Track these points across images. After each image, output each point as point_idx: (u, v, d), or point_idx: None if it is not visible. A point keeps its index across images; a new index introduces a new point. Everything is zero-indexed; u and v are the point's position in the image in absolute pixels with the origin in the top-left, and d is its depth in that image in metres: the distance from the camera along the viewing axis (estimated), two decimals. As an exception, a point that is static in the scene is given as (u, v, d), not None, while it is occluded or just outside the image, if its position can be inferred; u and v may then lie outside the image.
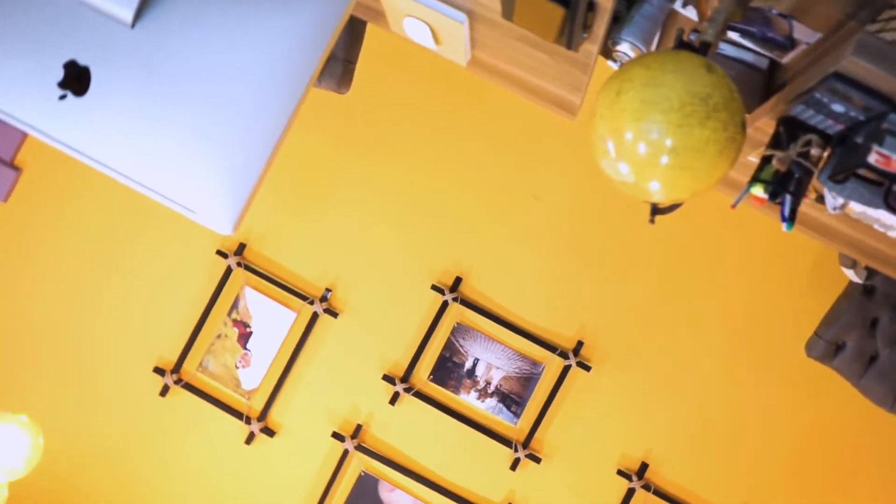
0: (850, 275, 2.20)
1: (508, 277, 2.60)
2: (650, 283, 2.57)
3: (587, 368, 2.55)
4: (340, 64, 1.97)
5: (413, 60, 2.61)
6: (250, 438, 2.61)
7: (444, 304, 2.58)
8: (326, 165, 2.64)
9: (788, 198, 1.19)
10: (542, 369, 2.57)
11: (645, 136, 1.10)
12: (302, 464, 2.62)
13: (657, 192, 1.15)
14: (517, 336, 2.57)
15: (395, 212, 2.62)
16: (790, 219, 1.20)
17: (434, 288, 2.59)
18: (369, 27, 2.25)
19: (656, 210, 1.19)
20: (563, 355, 2.56)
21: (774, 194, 1.18)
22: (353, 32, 1.97)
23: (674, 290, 2.57)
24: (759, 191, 1.20)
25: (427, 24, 1.52)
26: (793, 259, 2.53)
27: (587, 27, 1.24)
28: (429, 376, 2.60)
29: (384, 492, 2.60)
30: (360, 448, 2.58)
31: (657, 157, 1.11)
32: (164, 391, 2.62)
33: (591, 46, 1.34)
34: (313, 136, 2.64)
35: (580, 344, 2.56)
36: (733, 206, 1.21)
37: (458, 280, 2.59)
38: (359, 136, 2.64)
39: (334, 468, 2.58)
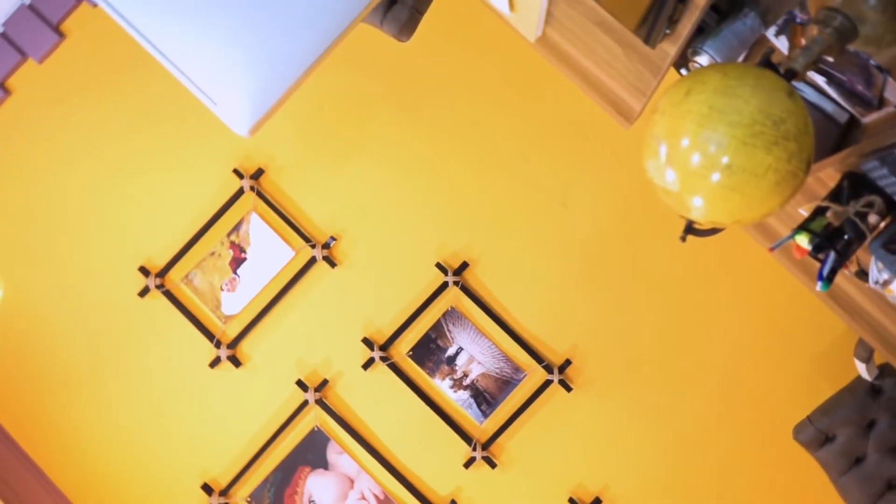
0: (861, 369, 2.11)
1: (514, 276, 2.51)
2: (654, 323, 2.48)
3: (568, 388, 2.47)
4: (407, 10, 1.89)
5: (479, 28, 2.53)
6: (216, 363, 2.54)
7: (444, 285, 2.50)
8: (364, 114, 2.56)
9: (832, 256, 1.11)
10: (524, 377, 2.49)
11: (703, 145, 1.01)
12: (259, 402, 2.55)
13: (699, 209, 1.06)
14: (507, 337, 2.49)
15: (419, 179, 2.54)
16: (828, 279, 1.11)
17: (438, 266, 2.51)
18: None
19: (691, 229, 1.10)
20: (548, 369, 2.47)
21: (819, 248, 1.09)
22: (429, -19, 1.89)
23: (677, 335, 2.48)
24: (803, 240, 1.11)
25: (508, -18, 1.44)
26: (807, 332, 2.43)
27: (673, 21, 1.15)
28: (408, 351, 2.52)
29: (332, 452, 2.52)
30: (320, 402, 2.51)
31: (709, 172, 1.03)
32: (144, 292, 2.56)
33: (670, 48, 1.25)
34: (359, 80, 2.56)
35: (568, 362, 2.48)
36: (771, 250, 1.13)
37: (464, 265, 2.51)
38: (404, 93, 2.56)
39: (290, 415, 2.51)
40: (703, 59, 1.29)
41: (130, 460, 2.56)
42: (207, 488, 2.53)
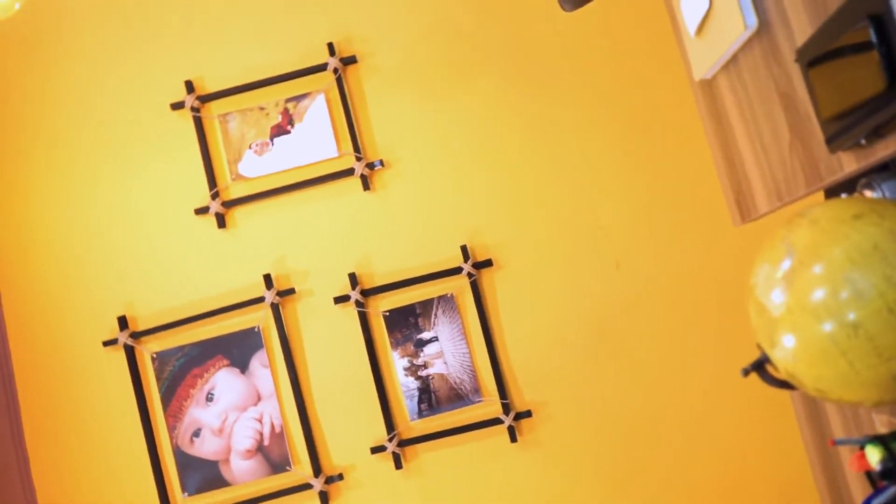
0: None
1: (529, 302, 2.29)
2: (639, 428, 2.25)
3: (513, 438, 2.25)
4: (587, -19, 1.66)
5: (643, 35, 2.29)
6: (202, 211, 2.35)
7: (457, 270, 2.28)
8: (480, 64, 2.34)
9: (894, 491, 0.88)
10: (478, 402, 2.27)
11: (839, 284, 0.78)
12: (220, 272, 2.36)
13: (787, 351, 0.84)
14: (486, 355, 2.27)
15: (493, 154, 2.32)
16: (874, 511, 0.88)
17: (462, 249, 2.29)
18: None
19: (761, 367, 0.88)
20: (506, 408, 2.25)
21: (888, 474, 0.86)
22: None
23: (661, 455, 2.24)
24: (874, 456, 0.88)
25: (711, 3, 1.21)
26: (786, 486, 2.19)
27: (877, 134, 0.92)
28: (385, 311, 2.31)
29: (256, 361, 2.33)
30: (274, 307, 2.31)
31: (826, 318, 0.80)
32: (178, 106, 2.37)
33: (849, 162, 1.02)
34: (493, 26, 2.33)
35: (528, 413, 2.25)
36: (834, 444, 0.90)
37: (487, 262, 2.29)
38: (530, 61, 2.33)
39: (240, 302, 2.32)
40: (875, 195, 1.05)
41: (64, 255, 2.39)
42: (123, 322, 2.34)
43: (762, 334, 0.85)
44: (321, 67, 2.35)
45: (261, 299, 2.32)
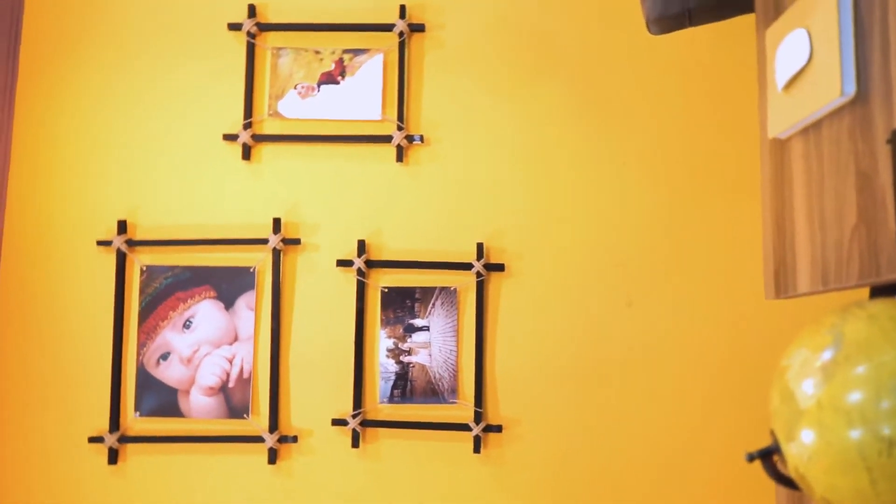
0: None
1: (531, 321, 2.21)
2: (614, 471, 2.17)
3: (477, 449, 2.17)
4: (679, 5, 1.57)
5: (722, 78, 2.21)
6: (231, 138, 2.28)
7: (467, 266, 2.20)
8: (552, 67, 2.25)
9: None
10: (452, 404, 2.20)
11: (880, 390, 0.70)
12: (230, 203, 2.29)
13: (803, 448, 0.75)
14: (473, 360, 2.19)
15: (537, 161, 2.24)
16: None
17: (479, 246, 2.21)
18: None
19: (768, 457, 0.80)
20: (477, 418, 2.17)
21: None
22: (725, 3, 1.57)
23: (629, 501, 2.16)
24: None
25: (811, 59, 1.13)
26: None
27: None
28: (385, 287, 2.24)
29: (242, 302, 2.26)
30: (275, 250, 2.24)
31: (858, 425, 0.72)
32: (235, 27, 2.30)
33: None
34: (580, 29, 2.25)
35: (498, 428, 2.18)
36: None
37: (499, 266, 2.21)
38: (604, 76, 2.25)
39: (244, 238, 2.25)
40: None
41: (84, 145, 2.32)
42: (122, 227, 2.28)
43: (780, 422, 0.77)
44: (388, 27, 2.27)
45: (264, 241, 2.25)
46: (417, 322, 2.22)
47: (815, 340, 0.77)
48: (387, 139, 2.25)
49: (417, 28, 2.27)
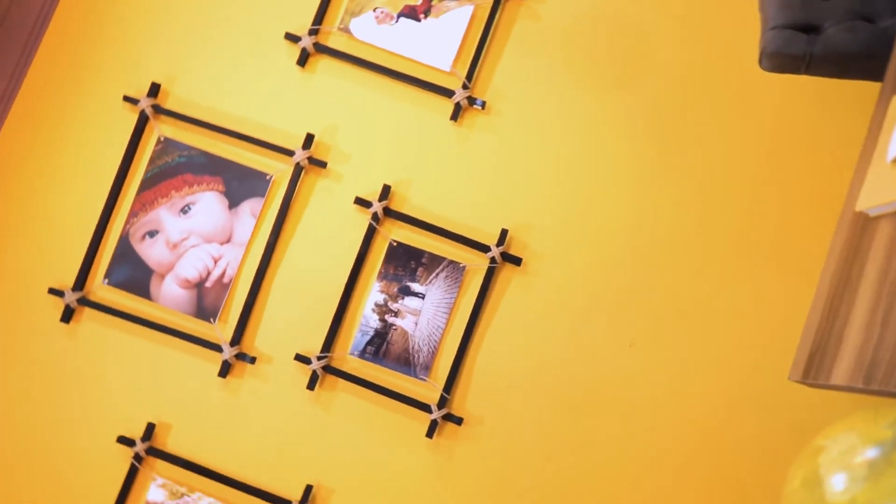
0: None
1: (527, 320, 2.08)
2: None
3: (430, 433, 2.05)
4: (803, 46, 1.43)
5: (819, 140, 2.07)
6: (295, 39, 2.16)
7: (485, 248, 2.08)
8: (636, 75, 2.12)
9: None
10: (422, 381, 2.08)
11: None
12: (275, 110, 2.17)
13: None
14: (457, 345, 2.07)
15: (594, 166, 2.11)
16: None
17: (502, 233, 2.08)
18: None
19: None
20: (441, 403, 2.06)
21: None
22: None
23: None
24: None
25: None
26: None
27: None
28: (395, 240, 2.11)
29: (247, 206, 2.14)
30: (297, 169, 2.12)
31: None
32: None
33: None
34: (669, 48, 2.11)
35: (459, 420, 2.06)
36: None
37: (516, 259, 2.08)
38: (682, 104, 2.11)
39: (272, 145, 2.13)
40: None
41: (151, -4, 2.21)
42: (154, 90, 2.17)
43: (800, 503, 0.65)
44: (487, -18, 2.14)
45: (290, 153, 2.13)
46: (415, 287, 2.10)
47: (869, 430, 0.65)
48: (448, 93, 2.12)
49: (517, -7, 2.15)
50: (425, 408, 2.05)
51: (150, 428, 2.11)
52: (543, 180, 2.11)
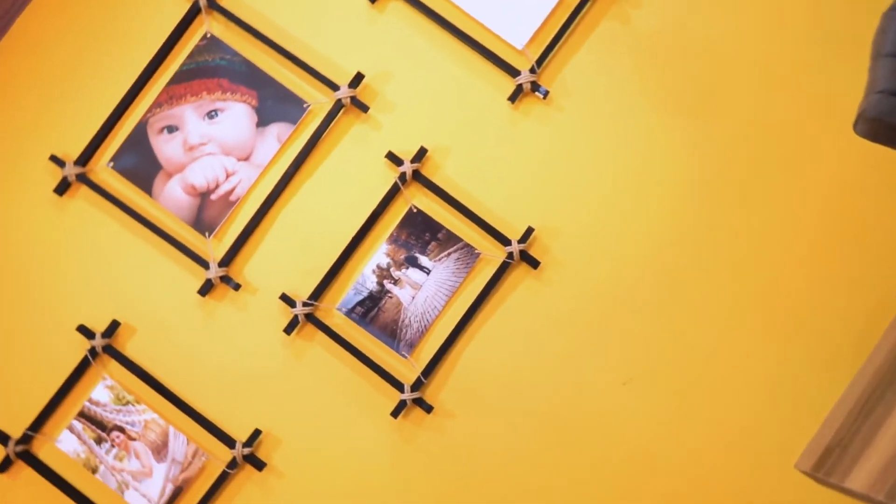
0: None
1: (527, 324, 1.97)
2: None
3: (396, 413, 1.94)
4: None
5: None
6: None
7: (505, 241, 1.96)
8: (713, 105, 1.99)
9: None
10: (401, 356, 1.97)
11: None
12: (326, 37, 2.05)
13: None
14: (448, 332, 1.96)
15: (648, 190, 1.98)
16: None
17: (527, 231, 1.96)
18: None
19: None
20: (416, 385, 1.94)
21: None
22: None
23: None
24: None
25: None
26: None
27: None
28: (415, 206, 2.00)
29: (277, 128, 2.03)
30: (338, 102, 2.01)
31: None
32: None
33: None
34: (764, 79, 1.98)
35: (430, 408, 1.95)
36: None
37: (535, 262, 1.96)
38: (763, 148, 1.98)
39: (318, 72, 2.01)
40: None
41: None
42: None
43: None
44: (586, -30, 2.01)
45: (335, 87, 2.01)
46: (423, 260, 1.98)
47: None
48: (513, 72, 2.00)
49: (613, -10, 2.01)
50: (398, 386, 1.94)
51: (114, 325, 2.00)
52: (584, 188, 1.99)
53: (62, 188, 2.03)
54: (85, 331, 2.00)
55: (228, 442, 1.95)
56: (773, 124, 1.97)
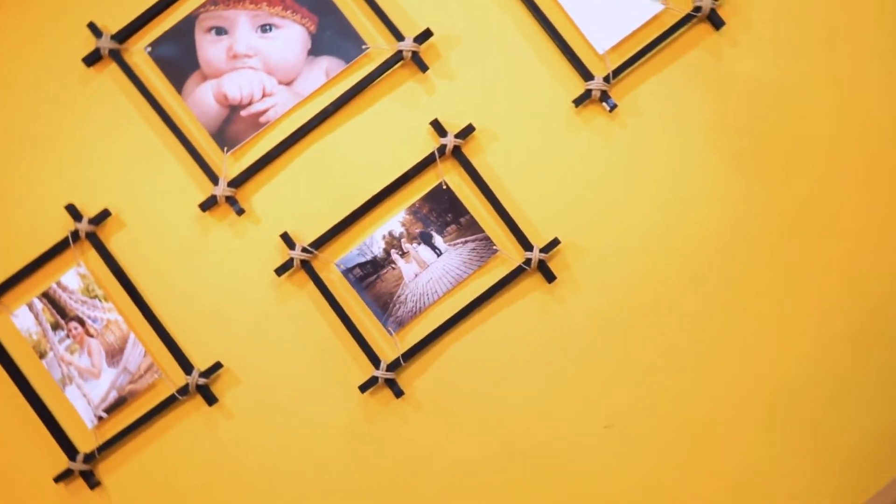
0: None
1: (525, 331, 1.85)
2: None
3: (364, 389, 1.83)
4: None
5: None
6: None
7: (527, 246, 1.84)
8: (802, 153, 1.86)
9: None
10: (388, 332, 1.85)
11: None
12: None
13: None
14: (444, 320, 1.84)
15: (694, 232, 1.86)
16: None
17: (553, 241, 1.84)
18: None
19: None
20: (392, 366, 1.83)
21: None
22: None
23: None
24: None
25: None
26: None
27: None
28: (445, 184, 1.88)
29: (327, 62, 1.90)
30: (398, 53, 1.88)
31: None
32: None
33: None
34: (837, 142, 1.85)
35: (401, 392, 1.84)
36: None
37: (551, 275, 1.84)
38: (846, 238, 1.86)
39: (391, 22, 1.89)
40: None
41: None
42: None
43: None
44: (692, -9, 1.88)
45: (400, 37, 1.88)
46: (438, 240, 1.86)
47: None
48: (587, 76, 1.87)
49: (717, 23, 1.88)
50: (375, 361, 1.83)
51: (104, 214, 1.89)
52: (622, 215, 1.86)
53: (92, 59, 1.92)
54: (73, 211, 1.89)
55: (186, 367, 1.85)
56: (834, 206, 1.84)
